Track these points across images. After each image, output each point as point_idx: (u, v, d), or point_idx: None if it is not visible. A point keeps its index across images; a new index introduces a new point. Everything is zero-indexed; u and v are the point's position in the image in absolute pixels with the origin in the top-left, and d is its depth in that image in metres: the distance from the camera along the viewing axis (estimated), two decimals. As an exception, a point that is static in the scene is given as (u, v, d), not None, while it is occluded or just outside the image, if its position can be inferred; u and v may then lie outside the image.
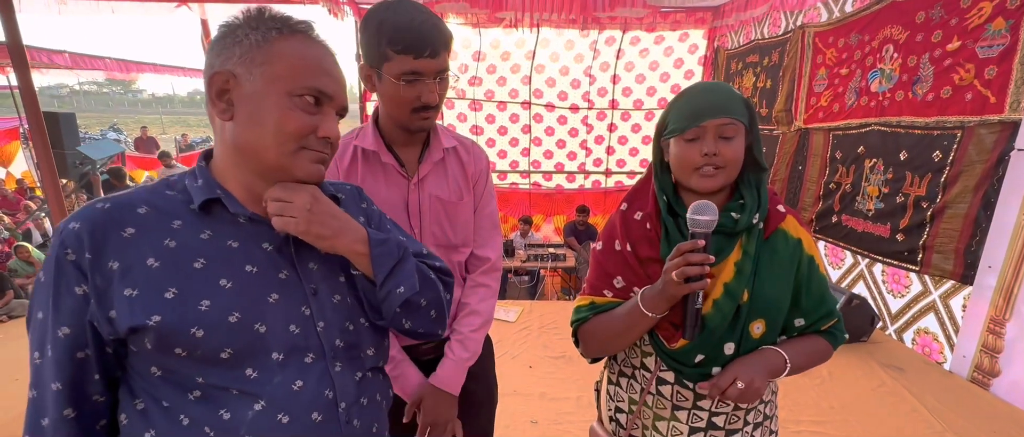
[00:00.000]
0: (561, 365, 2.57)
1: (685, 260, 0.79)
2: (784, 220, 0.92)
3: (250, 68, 0.63)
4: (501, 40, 5.34)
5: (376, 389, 0.78)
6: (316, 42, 0.67)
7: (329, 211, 0.69)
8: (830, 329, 0.95)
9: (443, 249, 1.13)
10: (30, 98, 2.46)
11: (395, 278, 0.73)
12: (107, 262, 0.60)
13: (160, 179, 0.70)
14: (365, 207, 0.84)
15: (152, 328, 0.59)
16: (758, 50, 4.34)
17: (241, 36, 0.63)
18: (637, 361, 0.99)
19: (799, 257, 0.91)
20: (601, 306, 0.96)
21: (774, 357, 0.89)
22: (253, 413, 0.64)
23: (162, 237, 0.63)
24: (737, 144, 0.85)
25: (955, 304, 2.56)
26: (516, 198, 6.12)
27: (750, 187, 0.91)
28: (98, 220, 0.60)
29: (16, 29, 2.38)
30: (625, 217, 0.97)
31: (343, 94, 0.69)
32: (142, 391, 0.64)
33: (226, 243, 0.66)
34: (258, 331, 0.65)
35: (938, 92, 2.57)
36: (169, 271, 0.62)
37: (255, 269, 0.66)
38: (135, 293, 0.60)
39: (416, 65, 0.94)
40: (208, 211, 0.66)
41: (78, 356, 0.61)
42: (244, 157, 0.66)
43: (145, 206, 0.64)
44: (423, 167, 1.07)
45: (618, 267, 0.95)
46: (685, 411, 0.95)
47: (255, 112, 0.63)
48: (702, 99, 0.85)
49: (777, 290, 0.89)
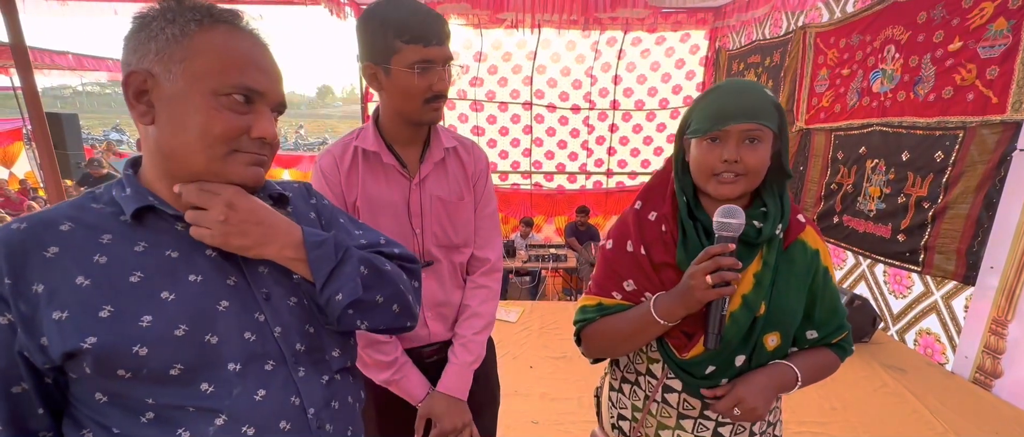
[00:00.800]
0: (562, 365, 2.57)
1: (717, 264, 0.75)
2: (803, 231, 0.88)
3: (168, 66, 0.57)
4: (503, 41, 5.34)
5: (347, 391, 0.75)
6: (244, 33, 0.61)
7: (251, 218, 0.62)
8: (840, 342, 0.93)
9: (444, 249, 1.13)
10: (33, 99, 2.47)
11: (334, 283, 0.67)
12: (30, 286, 0.55)
13: (85, 192, 0.64)
14: (314, 203, 0.80)
15: (88, 351, 0.54)
16: (759, 50, 4.34)
17: (156, 30, 0.57)
18: (642, 367, 0.95)
19: (815, 269, 0.88)
20: (609, 308, 0.92)
21: (785, 372, 0.86)
22: (214, 429, 0.60)
23: (90, 253, 0.57)
24: (762, 151, 0.80)
25: (957, 305, 2.56)
26: (517, 199, 6.12)
27: (773, 195, 0.87)
28: (14, 243, 0.55)
29: (19, 30, 2.39)
30: (639, 216, 0.93)
31: (277, 89, 0.64)
32: (88, 420, 0.59)
33: (164, 253, 0.61)
34: (209, 342, 0.60)
35: (940, 92, 2.56)
36: (102, 289, 0.57)
37: (199, 278, 0.62)
38: (65, 315, 0.55)
39: (427, 53, 0.95)
40: (140, 221, 0.61)
41: (14, 391, 0.57)
42: (171, 163, 0.61)
43: (68, 222, 0.58)
44: (424, 167, 1.08)
45: (629, 269, 0.91)
46: (691, 420, 0.91)
47: (177, 114, 0.58)
48: (729, 100, 0.80)
49: (793, 302, 0.85)
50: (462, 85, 5.56)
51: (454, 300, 1.16)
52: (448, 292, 1.15)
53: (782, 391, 0.86)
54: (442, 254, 1.12)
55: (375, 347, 1.06)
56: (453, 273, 1.16)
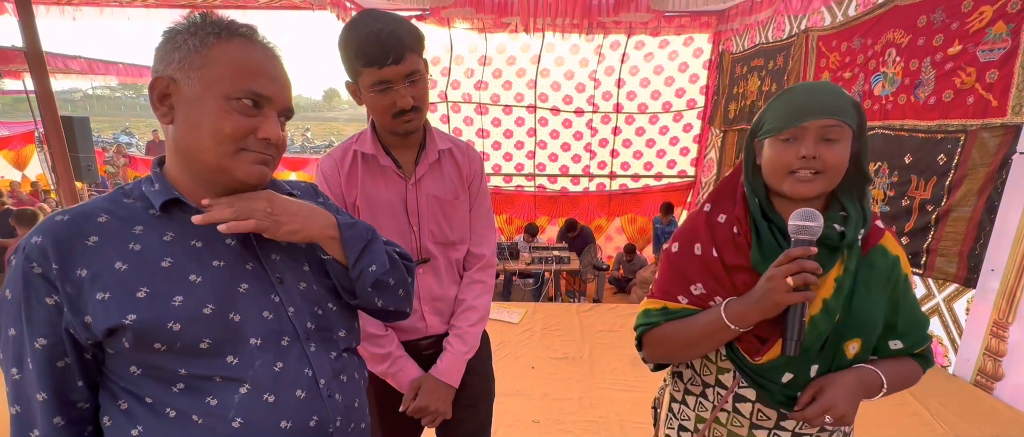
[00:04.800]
0: (563, 366, 2.60)
1: (800, 266, 0.73)
2: (883, 236, 0.85)
3: (188, 73, 0.64)
4: (507, 45, 5.39)
5: (353, 368, 0.81)
6: (257, 45, 0.68)
7: (290, 207, 0.72)
8: (923, 352, 0.89)
9: (441, 246, 1.17)
10: (48, 102, 2.53)
11: (366, 257, 0.77)
12: (75, 271, 0.61)
13: (115, 189, 0.71)
14: (322, 201, 0.86)
15: (129, 327, 0.61)
16: (762, 54, 4.36)
17: (180, 42, 0.64)
18: (710, 378, 0.92)
19: (896, 276, 0.84)
20: (674, 312, 0.89)
21: (870, 377, 0.82)
22: (239, 397, 0.66)
23: (126, 242, 0.64)
24: (841, 149, 0.78)
25: (959, 307, 2.56)
26: (521, 201, 6.16)
27: (852, 199, 0.84)
28: (60, 233, 0.62)
29: (36, 36, 2.46)
30: (709, 219, 0.90)
31: (285, 96, 0.70)
32: (123, 391, 0.65)
33: (189, 243, 0.67)
34: (233, 320, 0.67)
35: (940, 96, 2.57)
36: (138, 272, 0.63)
37: (222, 263, 0.68)
38: (107, 296, 0.61)
39: (382, 74, 0.97)
40: (167, 214, 0.67)
41: (58, 365, 0.63)
42: (187, 160, 0.67)
43: (105, 214, 0.65)
44: (419, 168, 1.12)
45: (698, 272, 0.87)
46: (765, 431, 0.88)
47: (193, 116, 0.64)
48: (806, 97, 0.78)
49: (874, 309, 0.82)
50: (467, 88, 5.60)
51: (450, 295, 1.20)
52: (444, 287, 1.19)
53: (868, 397, 0.82)
54: (438, 251, 1.17)
55: (371, 340, 1.10)
56: (449, 269, 1.20)
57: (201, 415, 0.65)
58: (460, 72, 5.49)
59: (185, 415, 0.64)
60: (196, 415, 0.65)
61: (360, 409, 0.80)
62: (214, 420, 0.65)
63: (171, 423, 0.64)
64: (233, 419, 0.66)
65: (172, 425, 0.64)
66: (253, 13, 4.86)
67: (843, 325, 0.81)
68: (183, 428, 0.65)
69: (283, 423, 0.68)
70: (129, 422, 0.64)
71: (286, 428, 0.68)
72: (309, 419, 0.71)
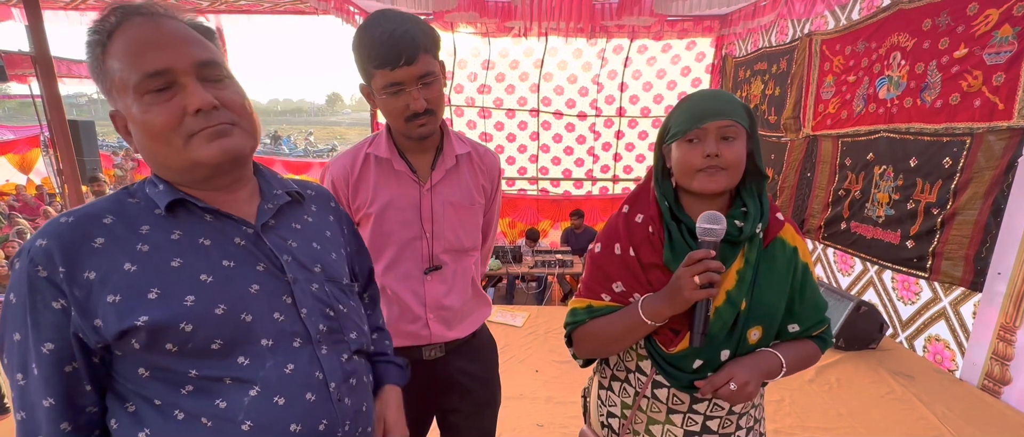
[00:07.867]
0: (567, 369, 2.58)
1: (704, 267, 0.80)
2: (782, 228, 0.93)
3: (112, 96, 0.63)
4: (510, 49, 5.40)
5: (362, 371, 0.80)
6: (132, 24, 0.61)
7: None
8: (821, 334, 0.97)
9: (453, 253, 1.15)
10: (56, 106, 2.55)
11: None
12: (83, 273, 0.60)
13: (119, 189, 0.70)
14: (334, 206, 0.87)
15: (141, 328, 0.60)
16: (766, 58, 4.35)
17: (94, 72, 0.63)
18: (632, 364, 0.99)
19: (795, 265, 0.92)
20: (598, 310, 0.96)
21: (770, 359, 0.90)
22: (249, 399, 0.65)
23: (134, 243, 0.63)
24: (738, 147, 0.86)
25: (966, 311, 2.54)
26: (524, 204, 6.15)
27: (752, 195, 0.92)
28: (65, 235, 0.60)
29: (45, 41, 2.47)
30: (627, 220, 0.97)
31: (183, 55, 0.61)
32: (131, 394, 0.64)
33: (198, 241, 0.66)
34: (244, 320, 0.66)
35: (946, 99, 2.57)
36: (148, 273, 0.62)
37: (232, 263, 0.67)
38: (118, 298, 0.60)
39: (394, 76, 0.95)
40: (173, 214, 0.66)
41: (66, 370, 0.61)
42: (163, 171, 0.67)
43: (110, 216, 0.64)
44: (435, 173, 1.09)
45: (618, 271, 0.95)
46: (680, 415, 0.95)
47: (135, 131, 0.63)
48: (703, 103, 0.87)
49: (775, 297, 0.90)
50: (470, 92, 5.62)
51: (457, 305, 1.17)
52: (453, 297, 1.16)
53: (769, 376, 0.90)
54: (450, 258, 1.14)
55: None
56: (459, 277, 1.18)
57: (210, 417, 0.64)
58: (463, 76, 5.51)
59: (194, 417, 0.64)
60: (205, 417, 0.64)
61: (367, 414, 0.79)
62: (223, 422, 0.64)
63: (180, 425, 0.63)
64: (243, 421, 0.65)
65: (181, 427, 0.63)
66: (257, 17, 4.89)
67: (746, 313, 0.88)
68: (192, 430, 0.64)
69: (293, 426, 0.67)
70: (137, 424, 0.63)
71: (295, 431, 0.67)
72: (319, 422, 0.70)
